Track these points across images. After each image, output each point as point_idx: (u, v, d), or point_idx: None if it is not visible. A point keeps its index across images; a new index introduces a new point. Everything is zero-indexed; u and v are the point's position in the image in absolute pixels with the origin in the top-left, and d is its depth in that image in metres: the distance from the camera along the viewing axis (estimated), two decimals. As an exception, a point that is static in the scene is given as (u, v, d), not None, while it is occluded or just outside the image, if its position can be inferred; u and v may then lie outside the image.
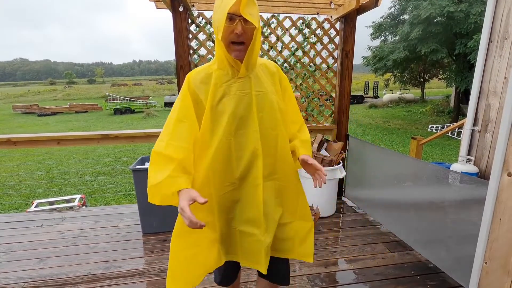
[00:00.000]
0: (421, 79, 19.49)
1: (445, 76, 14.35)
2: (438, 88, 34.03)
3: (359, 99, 24.13)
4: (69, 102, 28.61)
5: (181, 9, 2.51)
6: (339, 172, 2.84)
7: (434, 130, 8.88)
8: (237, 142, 1.07)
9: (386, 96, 21.93)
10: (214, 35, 2.82)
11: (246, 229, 1.13)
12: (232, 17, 0.97)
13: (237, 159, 1.08)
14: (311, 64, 3.10)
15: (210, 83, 1.06)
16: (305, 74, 3.11)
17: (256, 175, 1.09)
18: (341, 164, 2.90)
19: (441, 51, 11.42)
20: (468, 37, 10.54)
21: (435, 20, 11.33)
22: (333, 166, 2.82)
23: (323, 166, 2.68)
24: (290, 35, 2.96)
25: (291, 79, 3.09)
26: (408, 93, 22.55)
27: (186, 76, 1.10)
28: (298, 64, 3.07)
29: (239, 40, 1.00)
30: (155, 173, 0.99)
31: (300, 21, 2.95)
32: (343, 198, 3.36)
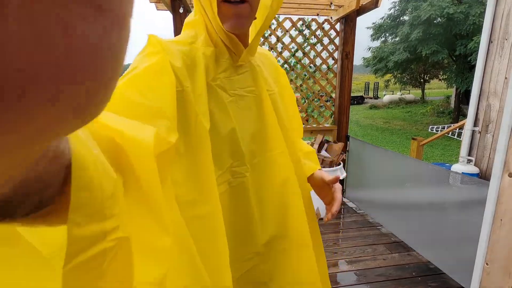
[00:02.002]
0: (422, 80, 19.51)
1: (446, 76, 14.38)
2: (438, 89, 34.05)
3: (359, 100, 24.13)
4: (70, 103, 28.70)
5: (181, 10, 2.52)
6: (340, 173, 2.84)
7: (434, 131, 8.92)
8: (255, 178, 0.63)
9: (386, 97, 21.93)
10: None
11: None
12: None
13: (261, 210, 0.64)
14: (311, 65, 3.10)
15: (197, 70, 0.54)
16: (305, 75, 3.11)
17: (300, 230, 0.68)
18: (341, 165, 2.90)
19: (441, 52, 11.45)
20: (468, 38, 10.58)
21: (435, 21, 11.37)
22: (333, 167, 2.81)
23: (323, 167, 2.69)
24: (290, 36, 2.96)
25: (291, 80, 3.09)
26: (409, 93, 22.55)
27: (153, 39, 0.50)
28: (298, 65, 3.07)
29: None
30: None
31: (300, 22, 2.95)
32: (344, 199, 3.35)
